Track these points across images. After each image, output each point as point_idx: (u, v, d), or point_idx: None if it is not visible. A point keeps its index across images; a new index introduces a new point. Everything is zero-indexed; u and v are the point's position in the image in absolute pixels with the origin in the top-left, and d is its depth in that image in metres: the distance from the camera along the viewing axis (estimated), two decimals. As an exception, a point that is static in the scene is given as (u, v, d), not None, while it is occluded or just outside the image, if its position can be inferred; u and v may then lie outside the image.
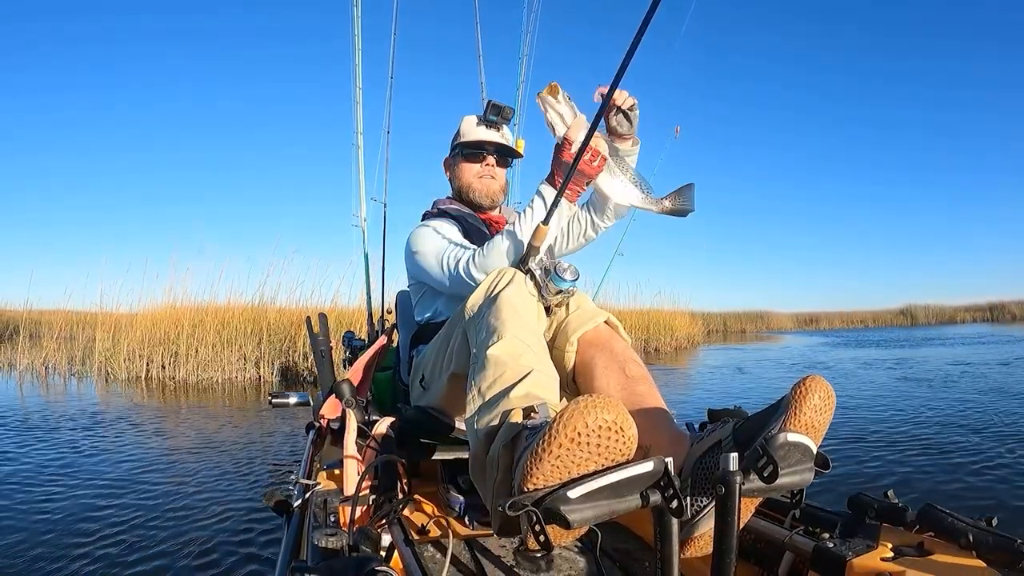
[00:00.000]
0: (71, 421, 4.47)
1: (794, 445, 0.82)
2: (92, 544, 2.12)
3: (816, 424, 0.86)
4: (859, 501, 1.04)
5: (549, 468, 0.71)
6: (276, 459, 3.35)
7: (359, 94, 2.76)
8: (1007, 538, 0.85)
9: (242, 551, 2.05)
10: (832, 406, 0.87)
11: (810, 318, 29.63)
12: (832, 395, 0.87)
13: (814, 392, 0.84)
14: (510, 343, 1.01)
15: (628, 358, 1.14)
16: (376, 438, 1.23)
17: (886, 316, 29.08)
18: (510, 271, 1.16)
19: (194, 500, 2.60)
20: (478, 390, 0.99)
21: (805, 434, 0.84)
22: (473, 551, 1.18)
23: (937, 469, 2.84)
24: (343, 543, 0.85)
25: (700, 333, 15.10)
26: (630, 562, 1.15)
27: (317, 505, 1.08)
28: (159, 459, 3.41)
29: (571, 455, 0.70)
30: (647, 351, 11.83)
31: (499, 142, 1.59)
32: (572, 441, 0.69)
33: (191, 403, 5.68)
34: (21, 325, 8.75)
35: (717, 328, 22.34)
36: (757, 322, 25.60)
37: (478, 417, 0.96)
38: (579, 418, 0.69)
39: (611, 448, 0.71)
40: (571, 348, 1.17)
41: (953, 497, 2.42)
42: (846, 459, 3.01)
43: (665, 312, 13.61)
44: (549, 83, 1.26)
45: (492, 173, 1.59)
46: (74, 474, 3.06)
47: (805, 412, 0.84)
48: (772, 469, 0.78)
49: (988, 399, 4.79)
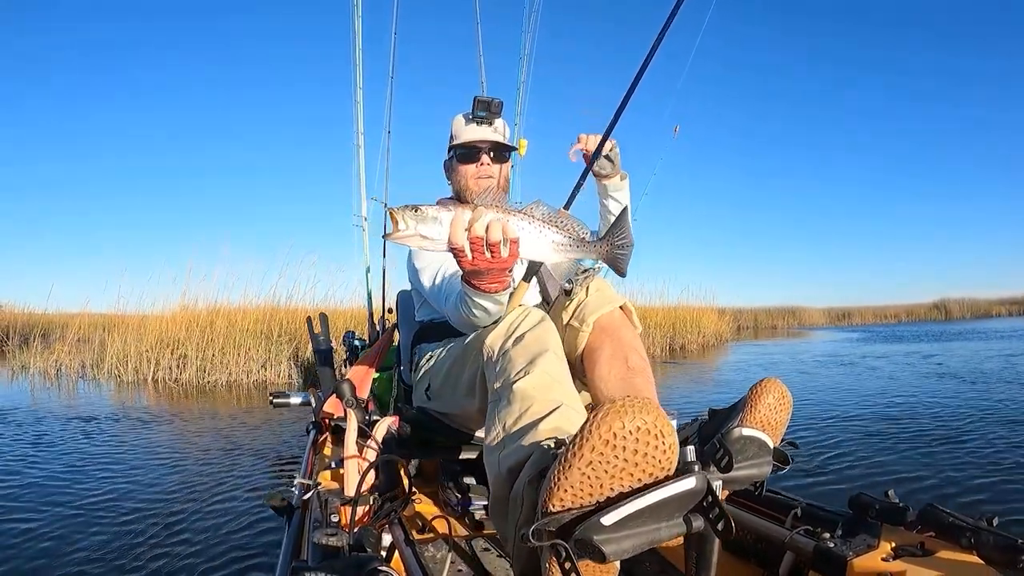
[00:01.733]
0: (74, 423, 4.48)
1: (749, 439, 0.91)
2: (95, 542, 2.12)
3: (772, 422, 0.96)
4: (860, 501, 1.04)
5: (579, 480, 0.62)
6: (278, 458, 3.36)
7: (359, 94, 2.76)
8: (1008, 538, 0.85)
9: (243, 551, 2.05)
10: (787, 406, 0.98)
11: (842, 313, 29.08)
12: (787, 395, 0.98)
13: (768, 392, 0.96)
14: (538, 378, 0.96)
15: (633, 348, 1.17)
16: (376, 438, 1.23)
17: (919, 310, 28.55)
18: (534, 311, 1.13)
19: (194, 500, 2.60)
20: (503, 426, 0.92)
21: (761, 430, 0.93)
22: (473, 551, 1.18)
23: (949, 466, 2.82)
24: (344, 543, 0.85)
25: (729, 330, 14.58)
26: (630, 562, 1.15)
27: (318, 505, 1.08)
28: (158, 461, 3.41)
29: (605, 462, 0.62)
30: (672, 348, 11.36)
31: (491, 139, 1.54)
32: (607, 444, 0.61)
33: (198, 405, 5.69)
34: (36, 328, 8.86)
35: (747, 324, 21.94)
36: (788, 318, 25.22)
37: (502, 450, 0.89)
38: (615, 418, 0.62)
39: (650, 457, 0.63)
40: (586, 328, 1.20)
41: (954, 497, 2.42)
42: (852, 456, 3.01)
43: (693, 309, 13.08)
44: (388, 210, 0.98)
45: (488, 172, 1.55)
46: (79, 472, 3.06)
47: (760, 410, 0.95)
48: (727, 460, 0.84)
49: (1015, 394, 4.74)
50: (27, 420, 4.56)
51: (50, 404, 5.44)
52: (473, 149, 1.53)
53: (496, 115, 1.54)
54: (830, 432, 3.57)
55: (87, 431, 4.15)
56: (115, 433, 4.11)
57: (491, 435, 0.93)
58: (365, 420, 1.34)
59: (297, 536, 1.09)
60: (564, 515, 0.63)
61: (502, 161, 1.59)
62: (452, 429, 1.40)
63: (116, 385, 6.90)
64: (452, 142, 1.59)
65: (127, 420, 4.58)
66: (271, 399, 2.02)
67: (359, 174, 2.78)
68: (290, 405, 2.03)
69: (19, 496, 2.69)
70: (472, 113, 1.53)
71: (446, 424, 1.40)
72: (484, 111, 1.52)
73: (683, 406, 4.67)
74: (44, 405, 5.37)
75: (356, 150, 2.78)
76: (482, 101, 1.51)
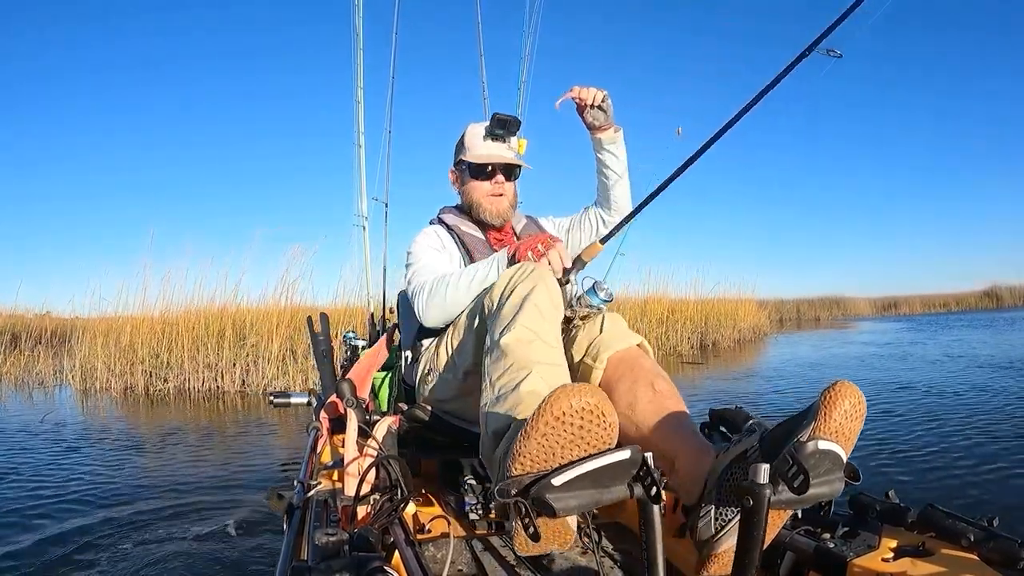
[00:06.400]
0: (47, 431, 4.48)
1: (824, 453, 0.79)
2: (91, 543, 2.12)
3: (846, 432, 0.82)
4: (860, 501, 1.04)
5: (536, 448, 0.75)
6: (278, 459, 3.36)
7: (360, 94, 2.76)
8: (1009, 538, 0.85)
9: (243, 551, 2.05)
10: (862, 413, 0.83)
11: (889, 303, 28.41)
12: (862, 401, 0.83)
13: (844, 398, 0.81)
14: (519, 331, 1.04)
15: (657, 375, 1.15)
16: (376, 438, 1.23)
17: (969, 299, 27.63)
18: (531, 268, 1.17)
19: (194, 500, 2.60)
20: (490, 380, 1.03)
21: (835, 442, 0.80)
22: (474, 551, 1.18)
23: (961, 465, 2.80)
24: (344, 543, 0.85)
25: (768, 322, 13.84)
26: (631, 563, 1.15)
27: (318, 505, 1.08)
28: (157, 461, 3.42)
29: (556, 435, 0.74)
30: (703, 345, 10.44)
31: (507, 159, 1.54)
32: (557, 420, 0.73)
33: (200, 406, 5.69)
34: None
35: (790, 316, 21.55)
36: (832, 308, 24.76)
37: (488, 410, 1.00)
38: (564, 399, 0.73)
39: (593, 433, 0.75)
40: (600, 366, 1.19)
41: (957, 497, 2.41)
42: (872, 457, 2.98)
43: (728, 300, 12.15)
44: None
45: (501, 190, 1.55)
46: (61, 475, 3.06)
47: (834, 419, 0.80)
48: (803, 479, 0.75)
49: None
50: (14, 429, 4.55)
51: (25, 414, 5.39)
52: (488, 166, 1.54)
53: (513, 134, 1.54)
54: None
55: (61, 437, 4.15)
56: (74, 439, 4.11)
57: (484, 395, 1.04)
58: (365, 420, 1.34)
59: (297, 536, 1.09)
60: (524, 478, 0.76)
61: (514, 178, 1.59)
62: (452, 428, 1.40)
63: (92, 391, 6.62)
64: (465, 153, 1.57)
65: (125, 423, 4.58)
66: (271, 399, 2.02)
67: (359, 173, 2.78)
68: (290, 405, 2.03)
69: (13, 496, 2.69)
70: (491, 129, 1.52)
71: (446, 423, 1.40)
72: (502, 128, 1.51)
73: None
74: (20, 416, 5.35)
75: (356, 150, 2.78)
76: (501, 119, 1.51)
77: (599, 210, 1.63)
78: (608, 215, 1.61)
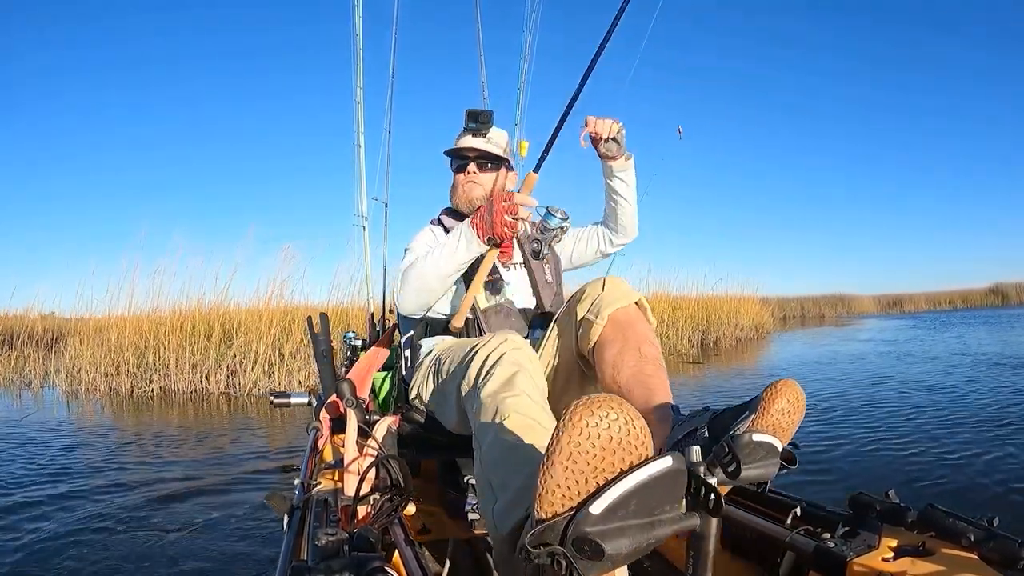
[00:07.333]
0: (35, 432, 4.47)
1: (759, 444, 0.89)
2: (92, 546, 2.12)
3: (783, 425, 0.93)
4: (860, 501, 1.04)
5: (563, 476, 0.62)
6: (278, 459, 3.36)
7: (360, 94, 2.75)
8: (1009, 538, 0.85)
9: (243, 551, 2.05)
10: (801, 409, 0.95)
11: (894, 300, 28.31)
12: (801, 398, 0.94)
13: (783, 396, 0.92)
14: (517, 420, 0.92)
15: (646, 338, 1.22)
16: (376, 438, 1.23)
17: (975, 296, 27.62)
18: (501, 340, 1.09)
19: (193, 501, 2.60)
20: (488, 482, 0.89)
21: (771, 434, 0.91)
22: (473, 551, 1.18)
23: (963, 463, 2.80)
24: (344, 543, 0.85)
25: (771, 320, 13.75)
26: (634, 567, 1.15)
27: (318, 505, 1.08)
28: (155, 462, 3.42)
29: (583, 452, 0.62)
30: (704, 343, 10.05)
31: (477, 148, 1.57)
32: (581, 433, 0.62)
33: (197, 406, 5.69)
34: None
35: (794, 314, 21.40)
36: (837, 306, 24.63)
37: (495, 509, 0.85)
38: (586, 409, 0.63)
39: (625, 443, 0.64)
40: (600, 322, 1.23)
41: (957, 496, 2.41)
42: (856, 453, 3.00)
43: (731, 298, 11.83)
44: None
45: (474, 179, 1.58)
46: (58, 482, 3.06)
47: (772, 414, 0.92)
48: (735, 466, 0.84)
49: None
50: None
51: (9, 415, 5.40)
52: (461, 157, 1.59)
53: (486, 124, 1.57)
54: (837, 427, 3.57)
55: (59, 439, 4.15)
56: (105, 437, 4.11)
57: (479, 489, 0.92)
58: (365, 420, 1.34)
59: (297, 536, 1.09)
60: (558, 521, 0.62)
61: (492, 170, 1.60)
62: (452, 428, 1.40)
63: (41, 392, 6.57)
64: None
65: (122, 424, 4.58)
66: (271, 399, 2.02)
67: (359, 173, 2.78)
68: (290, 405, 2.03)
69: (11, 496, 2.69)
70: (465, 124, 1.58)
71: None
72: (474, 121, 1.57)
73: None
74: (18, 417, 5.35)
75: (356, 150, 2.78)
76: (472, 112, 1.57)
77: (607, 231, 1.66)
78: (615, 237, 1.66)
